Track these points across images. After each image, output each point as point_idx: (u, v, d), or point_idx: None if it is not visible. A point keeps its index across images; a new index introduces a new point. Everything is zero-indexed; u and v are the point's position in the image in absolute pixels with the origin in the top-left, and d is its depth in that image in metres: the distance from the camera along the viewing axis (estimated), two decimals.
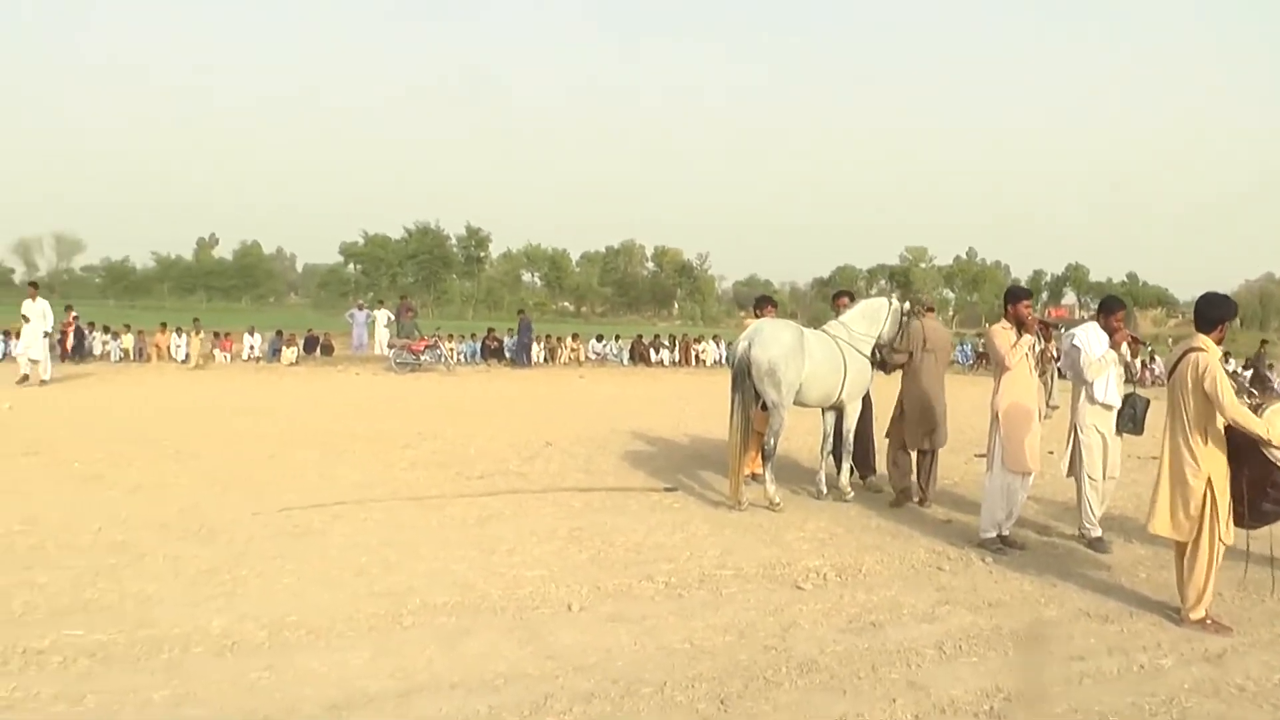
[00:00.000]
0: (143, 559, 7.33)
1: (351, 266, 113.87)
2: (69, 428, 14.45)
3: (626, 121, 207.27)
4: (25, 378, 21.25)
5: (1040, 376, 8.56)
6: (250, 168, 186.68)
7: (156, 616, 5.99)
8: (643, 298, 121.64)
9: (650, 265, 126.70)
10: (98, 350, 30.05)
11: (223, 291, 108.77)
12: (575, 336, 36.65)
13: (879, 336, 10.46)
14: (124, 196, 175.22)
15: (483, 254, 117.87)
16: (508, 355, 33.76)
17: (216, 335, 32.14)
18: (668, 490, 10.59)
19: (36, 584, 6.59)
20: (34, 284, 23.15)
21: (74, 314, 29.46)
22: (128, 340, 30.33)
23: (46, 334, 21.94)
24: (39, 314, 21.65)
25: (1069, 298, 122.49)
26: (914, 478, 10.38)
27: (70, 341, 28.74)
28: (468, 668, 5.30)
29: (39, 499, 9.37)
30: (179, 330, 31.08)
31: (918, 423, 10.27)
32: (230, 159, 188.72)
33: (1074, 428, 8.64)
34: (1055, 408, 9.21)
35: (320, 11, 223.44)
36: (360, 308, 37.77)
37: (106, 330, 31.10)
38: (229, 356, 30.92)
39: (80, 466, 11.22)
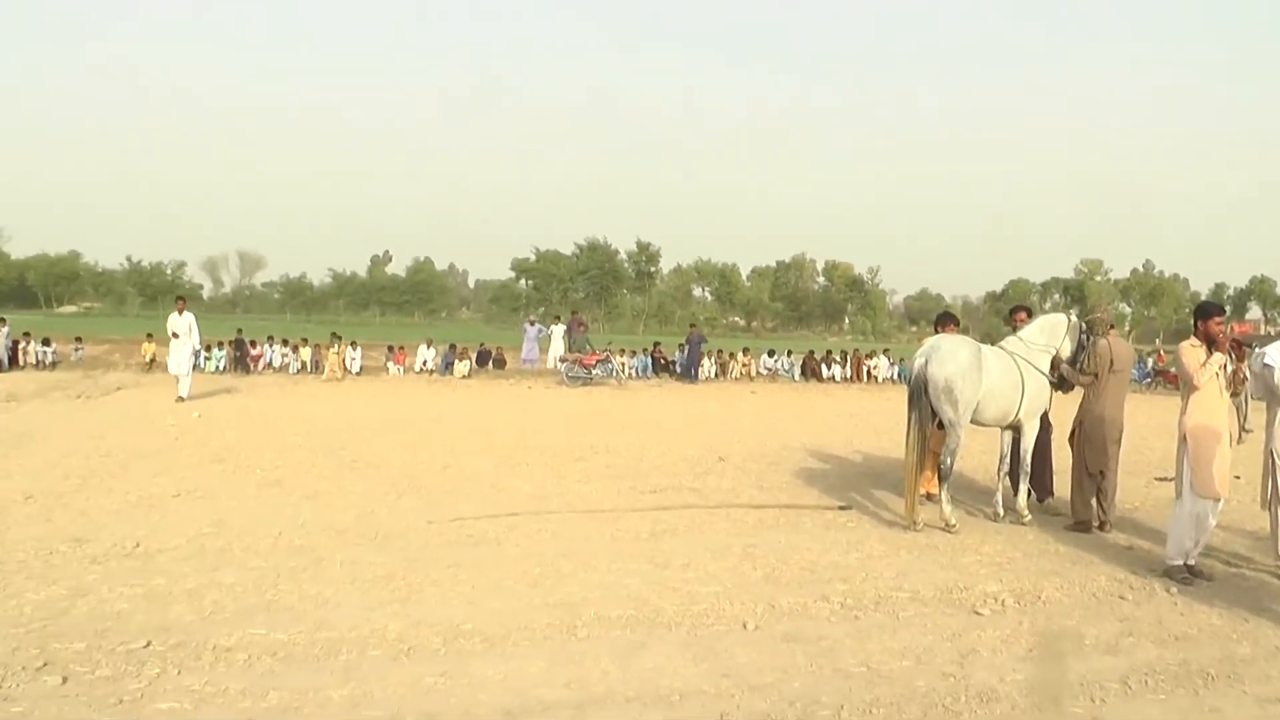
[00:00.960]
0: (321, 563, 7.57)
1: (523, 282, 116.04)
2: (251, 437, 15.06)
3: (796, 137, 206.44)
4: (181, 399, 20.36)
5: (1233, 398, 8.14)
6: (423, 186, 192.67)
7: (335, 619, 6.16)
8: (813, 312, 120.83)
9: (821, 280, 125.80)
10: (276, 363, 31.20)
11: (396, 306, 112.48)
12: (746, 351, 36.45)
13: (1057, 353, 10.13)
14: (303, 216, 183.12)
15: (653, 269, 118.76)
16: (677, 370, 33.81)
17: (391, 349, 33.05)
18: (842, 509, 10.42)
19: (224, 584, 6.87)
20: (181, 298, 22.58)
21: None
22: (305, 353, 31.43)
23: (195, 350, 21.39)
24: (185, 329, 20.88)
25: (1254, 312, 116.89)
26: (1094, 501, 9.97)
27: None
28: (643, 682, 5.28)
29: (225, 504, 9.80)
30: (301, 343, 32.21)
31: (1098, 444, 9.85)
32: (403, 178, 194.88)
33: (1269, 454, 8.17)
34: (1249, 431, 8.74)
35: (494, 28, 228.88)
36: (531, 323, 38.37)
37: (285, 344, 32.30)
38: (402, 369, 31.72)
39: (262, 473, 11.68)
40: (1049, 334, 10.19)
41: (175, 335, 20.78)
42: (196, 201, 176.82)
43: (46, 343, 29.76)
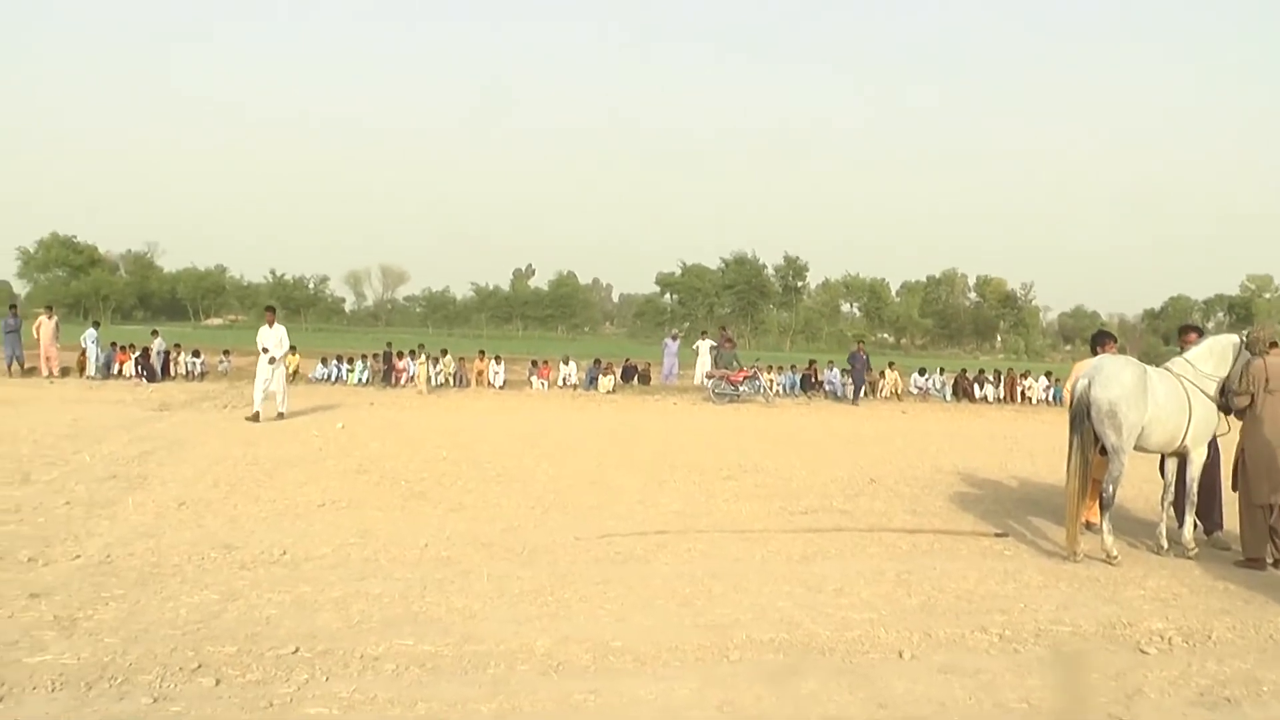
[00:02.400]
0: (467, 575, 7.69)
1: (668, 296, 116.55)
2: (395, 448, 15.40)
3: (945, 148, 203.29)
4: (257, 415, 18.74)
5: None
6: (566, 200, 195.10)
7: (482, 632, 6.24)
8: (964, 329, 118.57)
9: (972, 295, 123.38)
10: (425, 375, 31.76)
11: (538, 320, 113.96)
12: (891, 365, 35.96)
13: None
14: (446, 230, 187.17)
15: (800, 284, 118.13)
16: (826, 388, 33.49)
17: (534, 363, 33.48)
18: (998, 536, 10.18)
19: (370, 594, 7.03)
20: (271, 308, 21.28)
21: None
22: (448, 365, 32.03)
23: (273, 359, 19.51)
24: (276, 342, 19.67)
25: None
26: (1269, 536, 9.47)
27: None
28: (797, 708, 5.22)
29: (370, 514, 10.06)
30: (397, 354, 32.49)
31: (1263, 474, 9.34)
32: (547, 192, 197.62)
33: None
34: None
35: (634, 47, 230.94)
36: (674, 337, 38.45)
37: (427, 356, 32.65)
38: (546, 384, 32.08)
39: (406, 485, 11.94)
40: (1219, 356, 9.78)
41: (265, 350, 19.57)
42: (340, 216, 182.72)
43: (196, 354, 31.12)
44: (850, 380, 32.68)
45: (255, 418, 18.57)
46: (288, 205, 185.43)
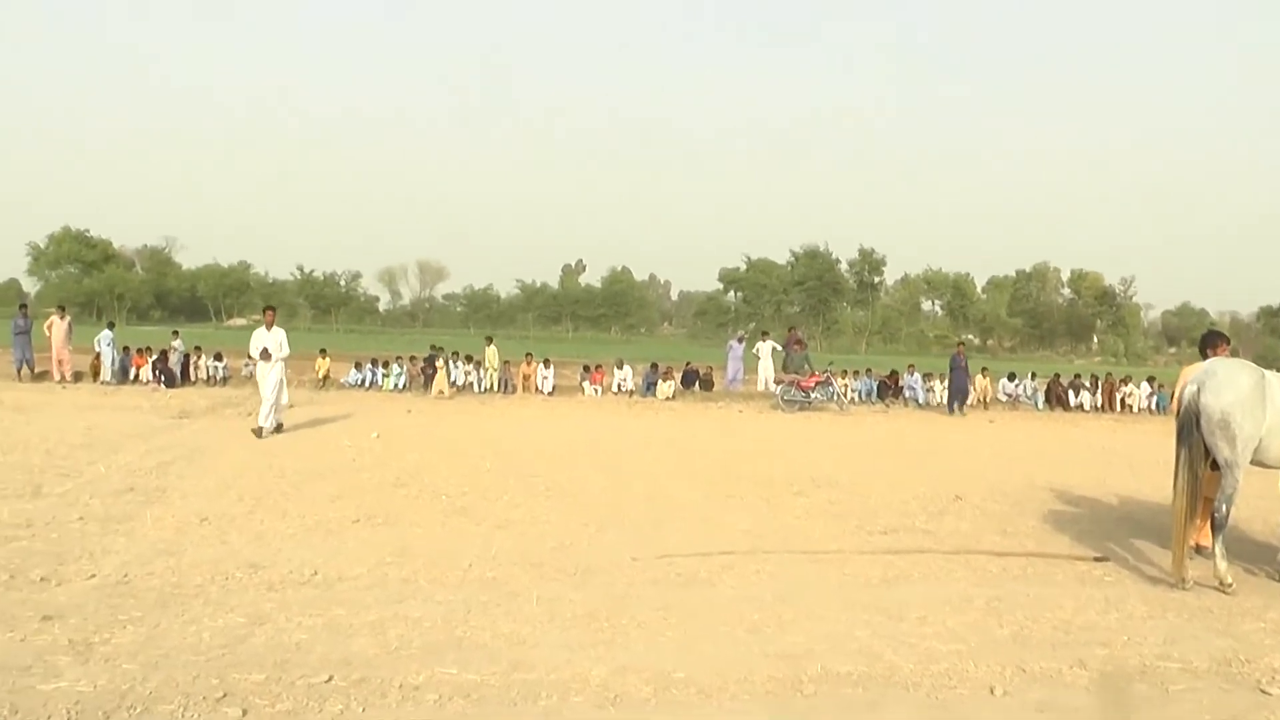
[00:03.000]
0: (515, 598, 7.72)
1: (732, 294, 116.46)
2: (435, 459, 15.50)
3: (1033, 131, 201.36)
4: (260, 430, 17.97)
5: None
6: (620, 190, 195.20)
7: (532, 659, 6.27)
8: (1057, 329, 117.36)
9: (1066, 292, 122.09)
10: (460, 381, 31.95)
11: (590, 320, 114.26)
12: (984, 371, 35.63)
13: None
14: (489, 223, 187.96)
15: (877, 279, 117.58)
16: (907, 394, 33.29)
17: (586, 368, 33.56)
18: (1097, 560, 10.06)
19: (410, 618, 7.07)
20: (271, 308, 20.21)
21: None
22: (492, 360, 32.21)
23: (264, 356, 18.58)
24: (276, 346, 18.76)
25: None
26: None
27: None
28: None
29: (408, 531, 10.14)
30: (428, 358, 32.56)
31: None
32: (597, 180, 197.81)
33: None
34: None
35: (692, 35, 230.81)
36: (740, 339, 38.35)
37: (469, 360, 32.99)
38: (599, 390, 32.11)
39: (448, 499, 12.03)
40: None
41: (265, 354, 18.62)
42: (374, 209, 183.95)
43: (219, 358, 31.32)
44: (946, 387, 32.31)
45: (259, 433, 17.89)
46: (317, 197, 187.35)
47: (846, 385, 32.70)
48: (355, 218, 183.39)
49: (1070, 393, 34.57)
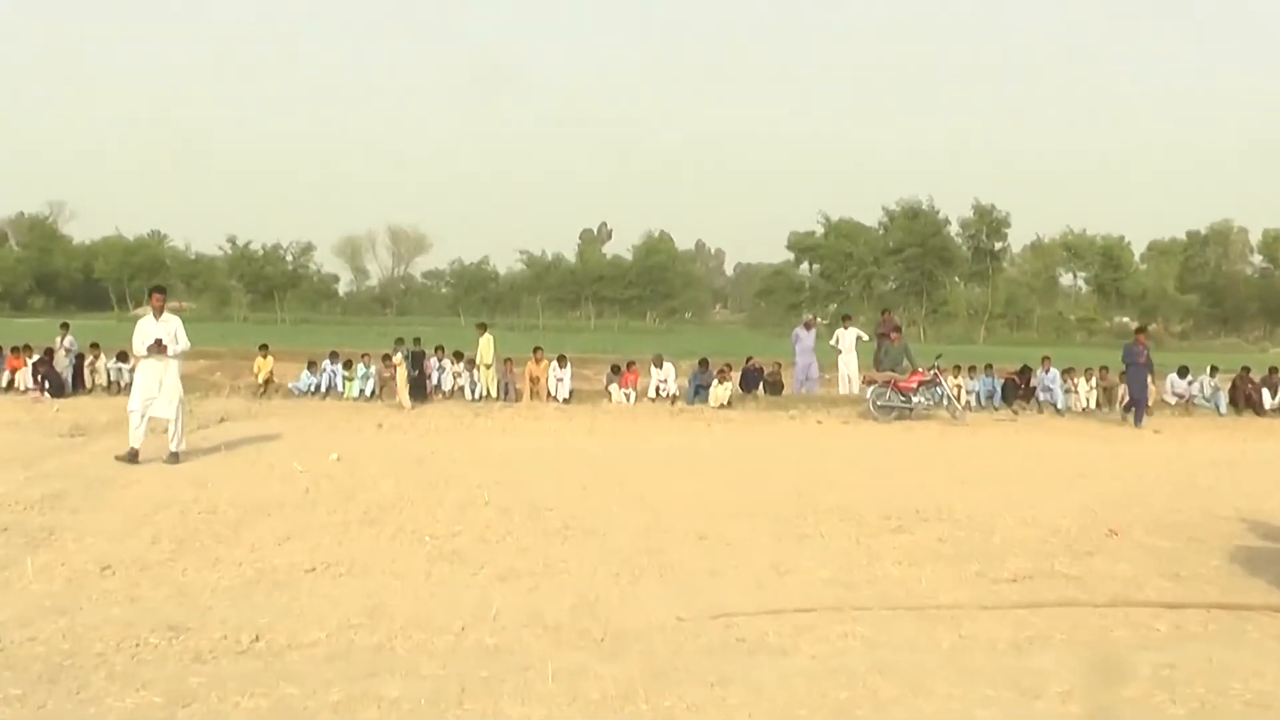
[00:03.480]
0: (524, 672, 7.66)
1: (805, 266, 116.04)
2: (415, 489, 15.52)
3: (1210, 57, 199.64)
4: (135, 454, 17.49)
5: None
6: (653, 132, 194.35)
7: None
8: (1245, 309, 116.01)
9: (1257, 259, 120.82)
10: (447, 385, 32.00)
11: (620, 303, 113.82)
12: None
13: None
14: (481, 178, 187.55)
15: (999, 246, 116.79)
16: (1042, 396, 33.04)
17: (615, 368, 33.23)
18: None
19: (384, 698, 7.03)
20: (159, 290, 19.55)
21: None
22: (485, 354, 32.11)
23: (153, 351, 17.98)
24: (171, 339, 18.14)
25: None
26: None
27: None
28: None
29: (381, 583, 10.11)
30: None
31: None
32: (623, 120, 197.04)
33: None
34: None
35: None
36: (809, 325, 37.41)
37: (459, 358, 32.95)
38: (632, 394, 31.96)
39: (434, 542, 12.00)
40: None
41: (158, 347, 18.00)
42: (330, 163, 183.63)
43: (123, 358, 30.70)
44: (1125, 387, 31.66)
45: (133, 456, 17.37)
46: (253, 152, 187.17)
47: (960, 386, 32.55)
48: (305, 174, 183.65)
49: (1264, 392, 34.25)
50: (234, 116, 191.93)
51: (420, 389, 30.87)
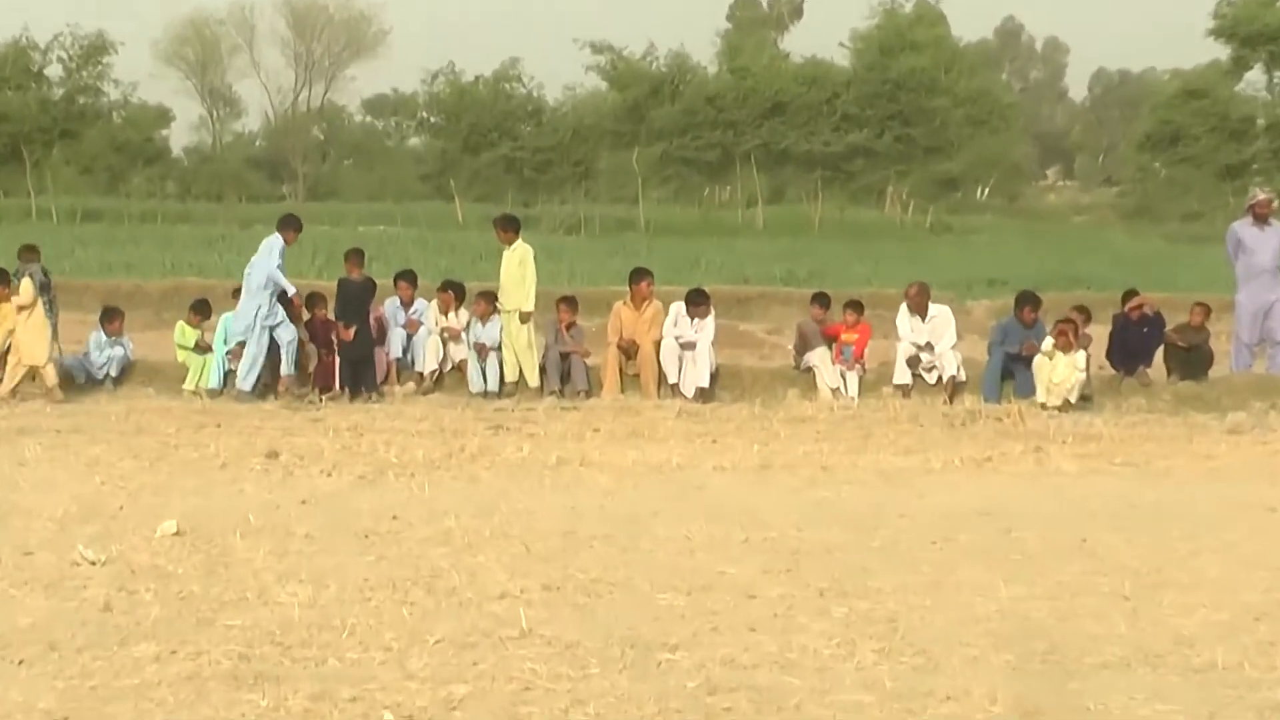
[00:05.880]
0: None
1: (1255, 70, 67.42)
2: (351, 615, 7.38)
3: None
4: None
5: None
6: None
7: None
8: None
9: None
10: (424, 357, 17.88)
11: (802, 161, 63.92)
12: None
13: None
14: None
15: None
16: None
17: (823, 305, 18.89)
18: None
19: None
20: None
21: None
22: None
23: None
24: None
25: None
26: None
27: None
28: None
29: None
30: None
31: None
32: None
33: None
34: None
35: None
36: (1259, 213, 18.58)
37: (456, 298, 18.27)
38: (858, 371, 17.64)
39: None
40: None
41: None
42: None
43: None
44: None
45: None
46: None
47: None
48: None
49: None
50: None
51: (362, 366, 17.57)
